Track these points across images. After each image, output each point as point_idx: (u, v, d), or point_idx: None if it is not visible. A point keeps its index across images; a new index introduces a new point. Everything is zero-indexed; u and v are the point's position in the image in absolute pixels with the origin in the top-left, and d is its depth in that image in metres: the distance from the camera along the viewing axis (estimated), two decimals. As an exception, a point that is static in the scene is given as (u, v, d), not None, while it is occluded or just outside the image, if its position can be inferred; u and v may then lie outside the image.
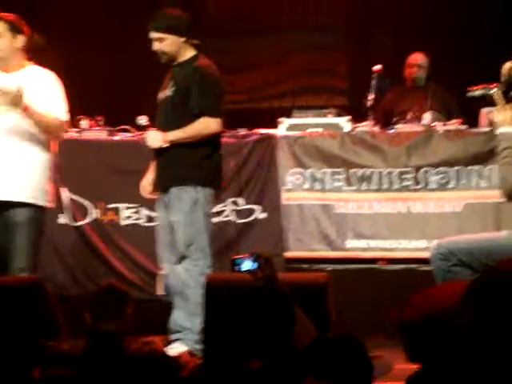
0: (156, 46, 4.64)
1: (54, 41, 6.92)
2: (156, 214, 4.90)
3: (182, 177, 4.59)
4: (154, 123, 4.76)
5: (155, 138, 4.62)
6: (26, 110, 4.39)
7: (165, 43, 4.61)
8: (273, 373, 2.80)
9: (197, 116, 4.58)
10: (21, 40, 4.53)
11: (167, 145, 4.60)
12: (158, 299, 5.24)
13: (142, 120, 4.79)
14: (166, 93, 4.68)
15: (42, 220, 4.63)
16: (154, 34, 4.63)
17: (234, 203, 5.81)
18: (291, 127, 5.90)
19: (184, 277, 4.57)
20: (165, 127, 4.64)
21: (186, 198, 4.58)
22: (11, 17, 4.55)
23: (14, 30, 4.51)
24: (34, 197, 4.53)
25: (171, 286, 4.70)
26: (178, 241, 4.60)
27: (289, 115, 6.00)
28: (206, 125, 4.59)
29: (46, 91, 4.54)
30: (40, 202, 4.57)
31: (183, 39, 4.63)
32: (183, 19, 4.68)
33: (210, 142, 4.67)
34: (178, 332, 4.58)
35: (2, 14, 4.57)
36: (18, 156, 4.50)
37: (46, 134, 4.56)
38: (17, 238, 4.48)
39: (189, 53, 4.68)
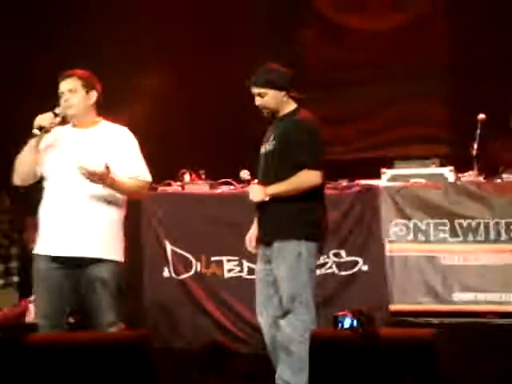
0: (258, 100, 4.68)
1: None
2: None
3: (285, 231, 4.57)
4: (255, 176, 4.77)
5: (257, 192, 4.62)
6: (112, 185, 4.44)
7: (266, 98, 4.65)
8: None
9: (298, 169, 4.58)
10: (93, 96, 4.59)
11: (268, 198, 4.59)
12: (263, 353, 5.20)
13: (245, 174, 4.80)
14: (266, 146, 4.70)
15: (123, 275, 4.65)
16: (254, 89, 4.67)
17: (337, 255, 5.76)
18: (393, 178, 5.84)
19: (289, 332, 4.52)
20: (266, 180, 4.65)
21: (290, 251, 4.55)
22: (84, 73, 4.59)
23: (87, 86, 4.56)
24: (114, 253, 4.55)
25: (271, 341, 4.65)
26: (282, 295, 4.56)
27: (391, 166, 5.94)
28: (308, 177, 4.58)
29: (125, 150, 4.54)
30: (120, 258, 4.59)
31: (283, 93, 4.65)
32: (283, 73, 4.70)
33: (313, 194, 4.63)
34: (282, 387, 4.53)
35: (75, 70, 4.61)
36: (99, 214, 4.51)
37: (126, 195, 4.62)
38: (102, 293, 4.49)
39: (290, 106, 4.70)
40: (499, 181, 5.76)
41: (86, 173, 4.35)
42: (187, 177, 6.01)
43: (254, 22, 7.83)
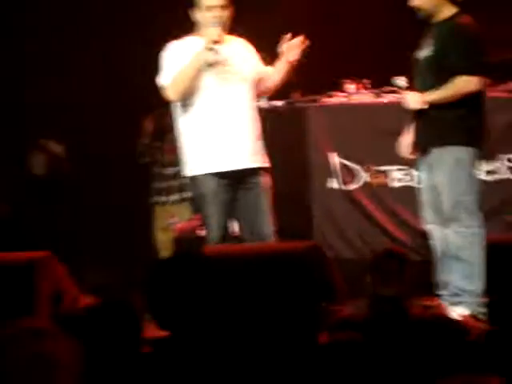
0: (413, 0, 4.55)
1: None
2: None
3: (443, 137, 4.51)
4: (412, 83, 4.69)
5: (414, 100, 4.56)
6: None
7: None
8: None
9: (456, 75, 4.47)
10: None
11: (426, 106, 4.51)
12: (431, 260, 5.15)
13: (401, 81, 4.73)
14: (423, 52, 4.59)
15: None
16: None
17: (510, 160, 5.58)
18: None
19: (456, 240, 4.48)
20: (423, 88, 4.57)
21: (448, 158, 4.49)
22: None
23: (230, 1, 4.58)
24: (267, 161, 4.66)
25: (439, 248, 4.61)
26: (444, 202, 4.50)
27: None
28: (466, 84, 4.48)
29: (257, 58, 4.72)
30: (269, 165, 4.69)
31: None
32: None
33: (471, 100, 4.54)
34: (457, 295, 4.48)
35: None
36: (257, 123, 4.62)
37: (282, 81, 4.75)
38: (264, 202, 4.57)
39: (449, 10, 4.56)
40: None
41: None
42: (352, 87, 5.94)
43: None
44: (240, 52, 4.65)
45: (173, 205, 6.10)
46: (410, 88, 4.70)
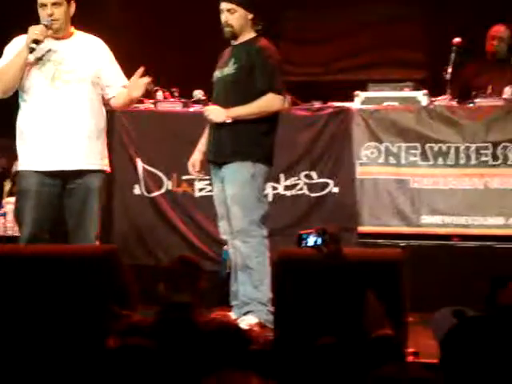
0: (225, 16, 4.70)
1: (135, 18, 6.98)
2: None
3: (243, 152, 4.65)
4: (211, 98, 4.83)
5: (218, 113, 4.67)
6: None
7: (234, 16, 4.69)
8: (344, 350, 2.78)
9: (262, 93, 4.64)
10: (73, 7, 4.56)
11: (230, 120, 4.63)
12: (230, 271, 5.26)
13: (199, 94, 4.85)
14: (225, 70, 4.73)
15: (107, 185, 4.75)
16: (225, 5, 4.71)
17: (308, 177, 5.79)
18: (367, 100, 5.84)
19: (245, 250, 4.64)
20: (225, 104, 4.70)
21: (245, 173, 4.65)
22: None
23: None
24: (102, 163, 4.61)
25: (233, 258, 4.75)
26: (235, 215, 4.65)
27: (364, 88, 5.93)
28: (272, 102, 4.66)
29: (111, 60, 4.62)
30: (107, 168, 4.65)
31: (251, 16, 4.71)
32: None
33: (270, 119, 4.73)
34: (247, 304, 4.61)
35: None
36: (89, 124, 4.54)
37: (122, 107, 4.71)
38: (92, 205, 4.53)
39: (251, 33, 4.76)
40: (471, 105, 5.77)
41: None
42: (160, 95, 5.97)
43: None
44: (81, 51, 4.55)
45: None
46: (210, 101, 4.81)
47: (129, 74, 4.66)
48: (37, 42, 4.38)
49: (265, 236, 4.68)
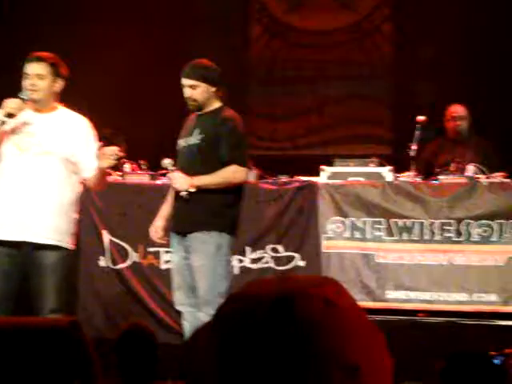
0: (187, 92, 4.76)
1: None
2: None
3: (208, 222, 4.67)
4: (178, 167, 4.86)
5: (183, 181, 4.69)
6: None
7: (196, 91, 4.74)
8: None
9: (226, 164, 4.68)
10: (59, 84, 4.58)
11: (194, 189, 4.66)
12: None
13: (168, 162, 4.87)
14: (190, 140, 4.77)
15: (71, 261, 4.65)
16: (187, 81, 4.76)
17: (274, 250, 5.80)
18: (333, 175, 5.90)
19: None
20: (190, 173, 4.72)
21: (211, 243, 4.65)
22: (55, 59, 4.57)
23: (56, 73, 4.54)
24: (63, 239, 4.54)
25: (188, 329, 4.72)
26: (201, 286, 4.64)
27: (331, 163, 6.00)
28: (235, 173, 4.71)
29: (89, 141, 4.60)
30: (70, 245, 4.58)
31: (214, 89, 4.76)
32: (216, 70, 4.82)
33: (235, 191, 4.76)
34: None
35: (46, 54, 4.58)
36: (52, 198, 4.50)
37: (98, 186, 4.73)
38: (47, 279, 4.48)
39: (216, 103, 4.81)
40: (435, 182, 5.85)
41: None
42: (127, 167, 5.99)
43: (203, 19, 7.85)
44: (58, 127, 4.54)
45: None
46: (177, 170, 4.83)
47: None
48: (10, 115, 4.40)
49: None
